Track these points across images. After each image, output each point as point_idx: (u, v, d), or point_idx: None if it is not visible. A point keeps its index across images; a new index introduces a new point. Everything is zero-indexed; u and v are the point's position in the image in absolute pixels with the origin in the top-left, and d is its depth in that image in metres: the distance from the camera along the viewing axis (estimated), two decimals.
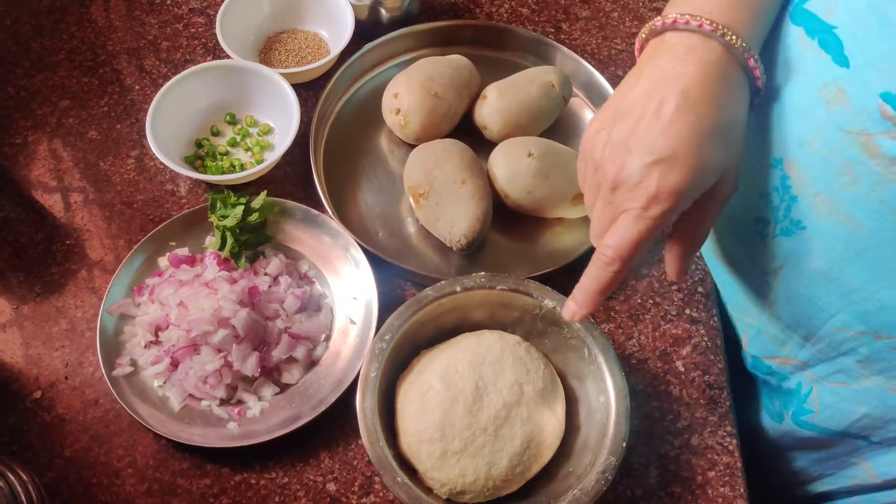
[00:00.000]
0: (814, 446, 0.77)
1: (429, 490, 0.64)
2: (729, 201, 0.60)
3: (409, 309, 0.68)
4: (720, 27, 0.54)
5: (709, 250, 0.79)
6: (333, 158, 0.86)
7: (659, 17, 0.57)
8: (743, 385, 0.84)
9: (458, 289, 0.69)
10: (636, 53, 0.61)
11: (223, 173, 0.83)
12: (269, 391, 0.71)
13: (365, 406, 0.64)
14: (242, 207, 0.76)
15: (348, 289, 0.76)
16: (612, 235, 0.56)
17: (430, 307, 0.68)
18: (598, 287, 0.58)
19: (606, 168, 0.56)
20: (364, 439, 0.62)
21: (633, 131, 0.55)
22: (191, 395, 0.71)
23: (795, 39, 0.58)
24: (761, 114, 0.62)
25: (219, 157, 0.85)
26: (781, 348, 0.73)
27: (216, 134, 0.87)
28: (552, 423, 0.66)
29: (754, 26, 0.56)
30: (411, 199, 0.80)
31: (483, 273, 0.69)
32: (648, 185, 0.54)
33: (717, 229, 0.75)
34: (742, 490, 0.70)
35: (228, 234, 0.75)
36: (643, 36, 0.59)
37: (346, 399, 0.69)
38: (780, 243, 0.65)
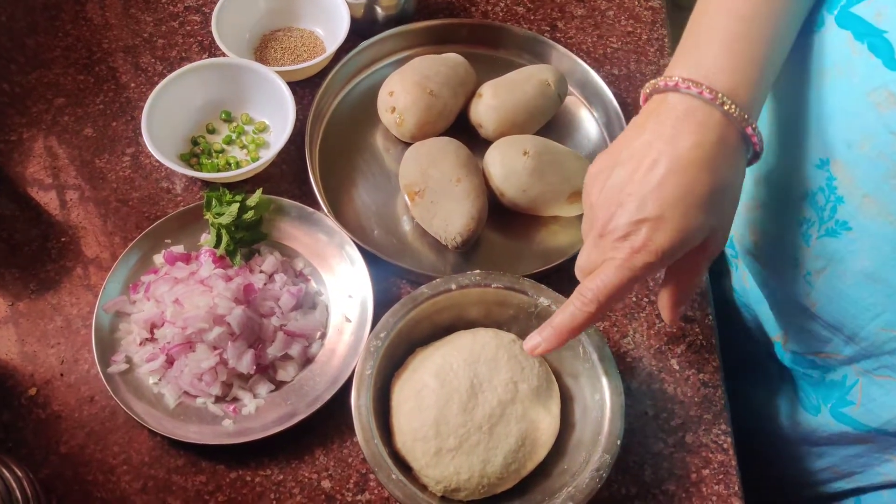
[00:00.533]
0: (847, 442, 0.77)
1: (424, 488, 0.64)
2: (770, 204, 0.62)
3: (404, 307, 0.68)
4: (720, 96, 0.55)
5: (748, 252, 0.80)
6: (329, 156, 0.86)
7: (663, 78, 0.58)
8: (770, 381, 0.85)
9: (454, 287, 0.69)
10: (641, 103, 0.62)
11: (219, 171, 0.83)
12: (264, 388, 0.71)
13: (360, 404, 0.64)
14: (238, 205, 0.76)
15: (344, 286, 0.77)
16: (594, 279, 0.57)
17: (425, 305, 0.68)
18: (570, 326, 0.59)
19: (598, 214, 0.58)
20: (359, 437, 0.62)
21: (626, 184, 0.56)
22: (186, 393, 0.71)
23: (843, 43, 0.58)
24: (805, 115, 0.63)
25: (214, 154, 0.85)
26: (826, 345, 0.73)
27: (212, 132, 0.87)
28: (547, 421, 0.66)
29: (757, 88, 0.57)
30: (407, 198, 0.80)
31: (478, 271, 0.70)
32: (634, 240, 0.55)
33: (759, 230, 0.75)
34: (736, 488, 0.70)
35: (224, 231, 0.75)
36: (647, 91, 0.60)
37: (342, 396, 0.69)
38: (824, 244, 0.65)
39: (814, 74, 0.62)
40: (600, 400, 0.66)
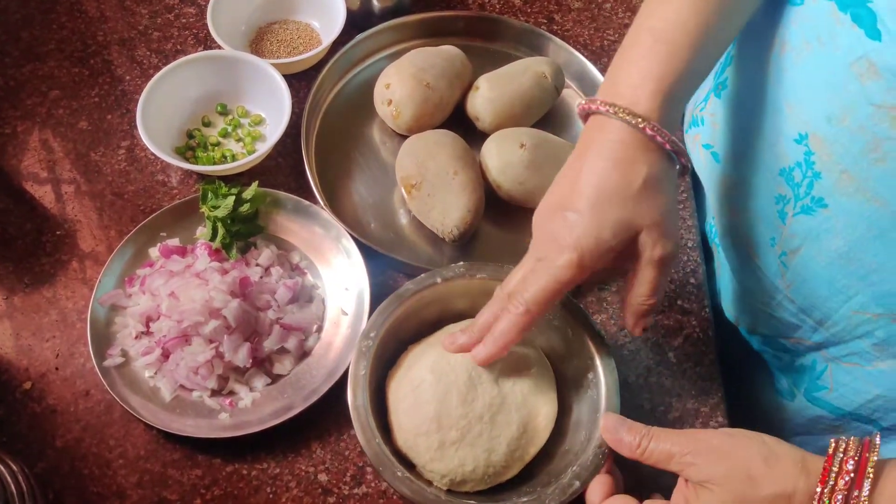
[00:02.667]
0: (823, 430, 0.77)
1: (429, 483, 0.64)
2: (748, 181, 0.64)
3: (391, 305, 0.68)
4: (616, 108, 0.59)
5: (727, 233, 0.80)
6: (325, 149, 0.86)
7: (581, 101, 0.62)
8: (742, 369, 0.85)
9: (439, 280, 0.69)
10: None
11: (214, 164, 0.82)
12: (260, 382, 0.71)
13: (357, 405, 0.63)
14: (234, 198, 0.75)
15: (340, 280, 0.76)
16: (524, 282, 0.60)
17: (411, 301, 0.68)
18: (506, 328, 0.60)
19: (535, 222, 0.62)
20: (360, 438, 0.62)
21: (550, 199, 0.61)
22: (182, 386, 0.70)
23: (826, 14, 0.58)
24: (784, 89, 0.63)
25: (210, 147, 0.85)
26: (794, 331, 0.74)
27: (207, 124, 0.87)
28: (546, 406, 0.66)
29: (662, 96, 0.59)
30: (403, 190, 0.80)
31: (462, 263, 0.70)
32: (558, 238, 0.58)
33: (738, 209, 0.76)
34: None
35: (220, 224, 0.75)
36: (577, 113, 0.64)
37: (338, 390, 0.69)
38: (800, 222, 0.65)
39: (792, 49, 0.62)
40: (594, 378, 0.66)
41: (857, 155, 0.58)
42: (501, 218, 0.82)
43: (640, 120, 0.58)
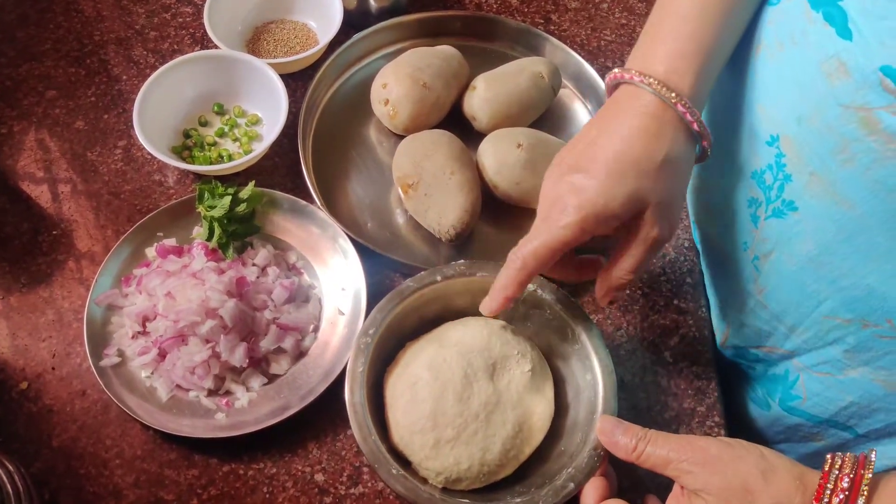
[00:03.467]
0: (802, 438, 0.77)
1: (424, 480, 0.64)
2: (722, 185, 0.64)
3: (390, 302, 0.68)
4: (648, 79, 0.59)
5: (702, 238, 0.80)
6: (322, 149, 0.86)
7: (614, 71, 0.63)
8: (725, 378, 0.84)
9: (439, 278, 0.69)
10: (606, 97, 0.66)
11: (211, 164, 0.82)
12: (257, 382, 0.71)
13: (354, 402, 0.64)
14: (230, 198, 0.75)
15: (337, 279, 0.76)
16: (523, 239, 0.60)
17: (411, 298, 0.68)
18: (503, 283, 0.61)
19: (545, 182, 0.62)
20: (356, 435, 0.62)
21: (565, 156, 0.61)
22: (178, 386, 0.70)
23: (799, 13, 0.58)
24: (757, 90, 0.63)
25: (207, 147, 0.85)
26: (766, 339, 0.73)
27: (204, 124, 0.87)
28: (542, 405, 0.67)
29: (694, 76, 0.60)
30: (400, 190, 0.80)
31: (462, 261, 0.70)
32: (563, 198, 0.58)
33: (713, 212, 0.75)
34: None
35: (216, 224, 0.75)
36: (606, 82, 0.64)
37: (335, 390, 0.69)
38: (771, 226, 0.65)
39: (767, 49, 0.62)
40: (592, 379, 0.66)
41: (826, 156, 0.57)
42: (498, 218, 0.82)
43: (673, 95, 0.58)
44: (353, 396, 0.64)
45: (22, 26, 0.94)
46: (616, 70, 0.62)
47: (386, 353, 0.69)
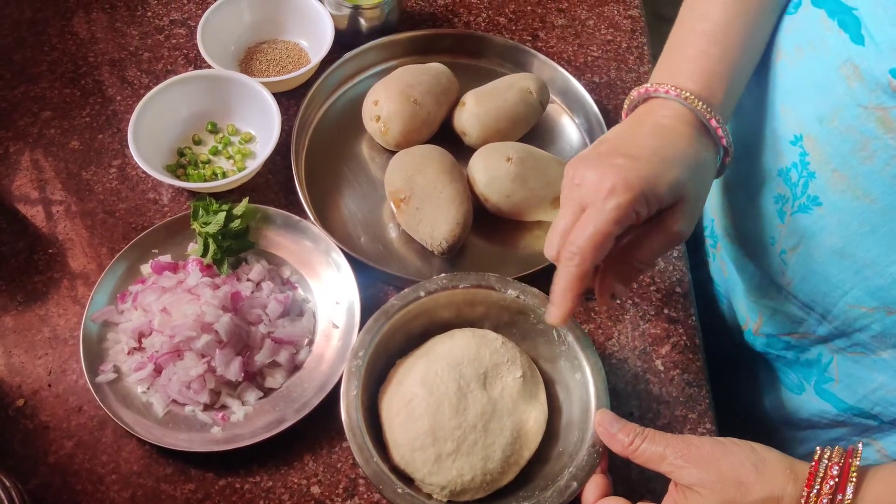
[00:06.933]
0: (825, 424, 0.79)
1: (428, 496, 0.65)
2: (748, 183, 0.69)
3: (377, 322, 0.69)
4: (683, 93, 0.62)
5: (726, 234, 0.82)
6: (315, 166, 0.87)
7: (643, 85, 0.65)
8: (747, 368, 0.87)
9: (423, 294, 0.70)
10: (623, 116, 0.67)
11: (205, 181, 0.83)
12: (252, 396, 0.72)
13: (353, 425, 0.64)
14: (224, 214, 0.76)
15: (330, 293, 0.77)
16: (574, 232, 0.58)
17: (397, 316, 0.69)
18: (565, 284, 0.58)
19: (575, 172, 0.59)
20: (358, 458, 0.63)
21: (607, 145, 0.61)
22: (174, 401, 0.71)
23: (817, 21, 0.62)
24: (780, 93, 0.67)
25: (201, 165, 0.86)
26: (800, 325, 0.76)
27: (198, 143, 0.88)
28: (536, 409, 0.67)
29: (722, 93, 0.63)
30: (392, 205, 0.81)
31: (444, 274, 0.71)
32: (608, 179, 0.56)
33: (737, 211, 0.79)
34: None
35: (211, 240, 0.76)
36: (629, 102, 0.66)
37: (330, 402, 0.69)
38: (797, 220, 0.68)
39: (788, 54, 0.66)
40: (582, 379, 0.67)
41: (847, 154, 0.60)
42: (489, 230, 0.83)
43: (707, 108, 0.61)
44: (351, 420, 0.64)
45: (18, 49, 0.95)
46: (647, 84, 0.64)
47: (377, 372, 0.69)
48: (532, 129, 0.89)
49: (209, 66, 0.88)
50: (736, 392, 0.88)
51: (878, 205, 0.60)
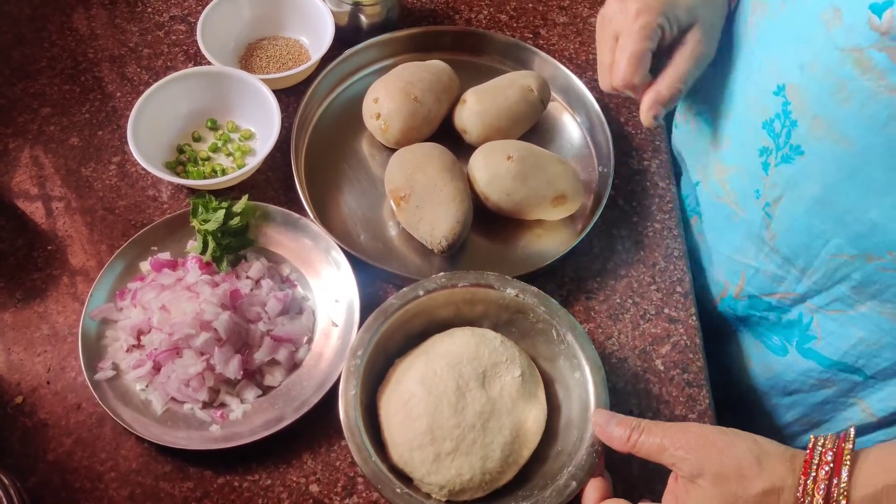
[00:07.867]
0: (814, 385, 0.79)
1: (427, 496, 0.65)
2: (734, 138, 0.74)
3: (376, 321, 0.68)
4: None
5: (712, 193, 0.82)
6: (315, 163, 0.87)
7: None
8: (733, 335, 0.88)
9: (422, 293, 0.70)
10: None
11: (205, 178, 0.83)
12: (251, 394, 0.71)
13: (351, 425, 0.64)
14: (224, 211, 0.76)
15: (330, 291, 0.77)
16: (616, 60, 0.70)
17: (396, 315, 0.69)
18: (630, 60, 0.69)
19: (604, 12, 0.72)
20: (356, 457, 0.63)
21: None
22: (173, 399, 0.71)
23: None
24: (763, 44, 0.68)
25: (200, 162, 0.86)
26: (780, 284, 0.76)
27: (198, 139, 0.88)
28: (535, 408, 0.67)
29: None
30: (392, 203, 0.80)
31: (443, 273, 0.71)
32: (632, 6, 0.69)
33: (724, 167, 0.79)
34: None
35: (210, 237, 0.76)
36: None
37: (329, 401, 0.69)
38: (780, 171, 0.69)
39: (767, 7, 0.68)
40: (581, 378, 0.67)
41: (826, 99, 0.61)
42: (489, 229, 0.83)
43: None
44: (349, 420, 0.64)
45: (17, 45, 0.95)
46: None
47: (375, 372, 0.69)
48: (533, 128, 0.89)
49: (209, 63, 0.88)
50: (727, 363, 0.89)
51: (856, 147, 0.60)
